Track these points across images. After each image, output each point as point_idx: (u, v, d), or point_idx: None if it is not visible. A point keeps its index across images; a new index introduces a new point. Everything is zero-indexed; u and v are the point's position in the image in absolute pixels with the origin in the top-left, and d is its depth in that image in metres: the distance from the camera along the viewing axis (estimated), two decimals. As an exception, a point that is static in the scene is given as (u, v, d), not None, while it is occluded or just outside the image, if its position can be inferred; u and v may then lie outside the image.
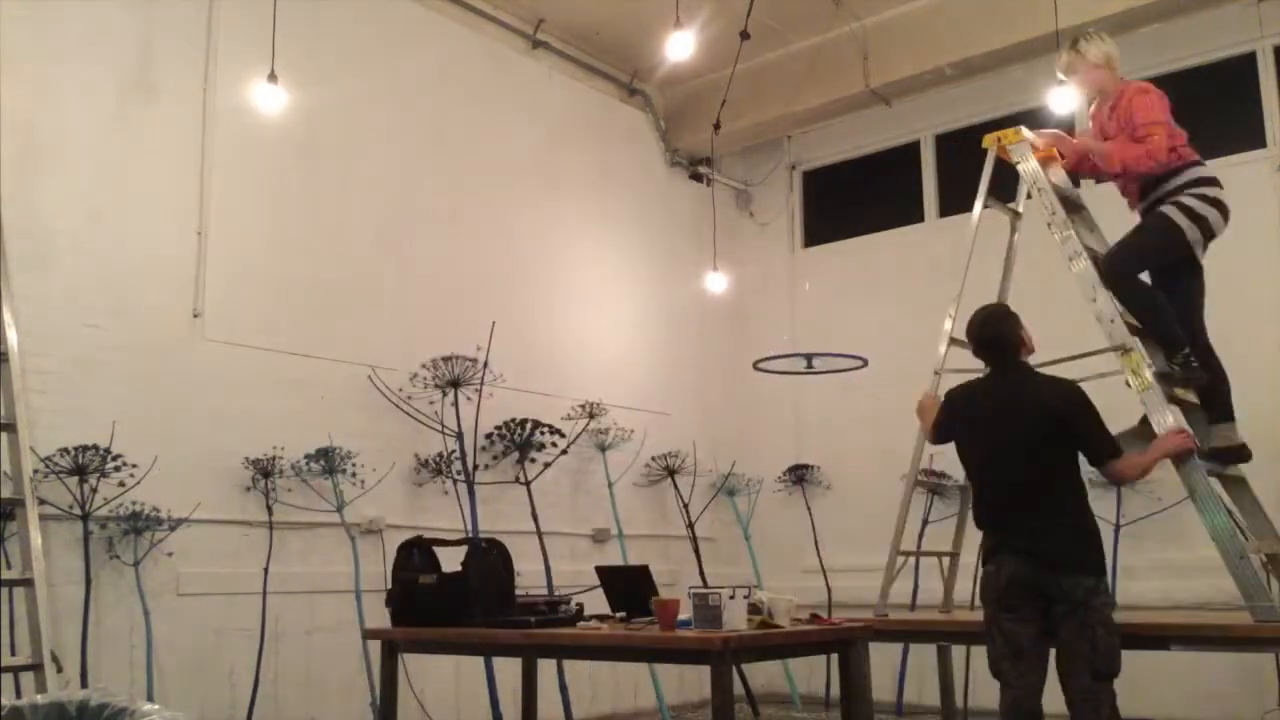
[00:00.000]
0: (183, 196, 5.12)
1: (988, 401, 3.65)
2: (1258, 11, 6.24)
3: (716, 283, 7.27)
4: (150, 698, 4.61)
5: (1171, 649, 3.78)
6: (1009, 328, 3.69)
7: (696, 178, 8.25)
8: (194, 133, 5.19)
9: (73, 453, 4.44)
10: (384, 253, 5.98)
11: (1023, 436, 3.49)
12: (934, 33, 6.80)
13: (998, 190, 4.66)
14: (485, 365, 5.93)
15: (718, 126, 6.35)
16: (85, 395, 4.62)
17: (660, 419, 7.30)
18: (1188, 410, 4.00)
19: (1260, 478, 5.78)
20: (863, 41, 7.02)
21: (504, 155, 6.78)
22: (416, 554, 4.11)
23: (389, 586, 4.18)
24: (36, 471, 4.29)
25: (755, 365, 6.81)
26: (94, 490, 4.52)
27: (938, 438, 3.88)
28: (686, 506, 7.08)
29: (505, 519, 6.13)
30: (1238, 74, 6.40)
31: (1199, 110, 6.61)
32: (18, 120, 4.52)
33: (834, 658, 3.92)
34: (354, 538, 5.48)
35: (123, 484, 4.60)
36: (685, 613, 3.34)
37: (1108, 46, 4.27)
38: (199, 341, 5.08)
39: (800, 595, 5.46)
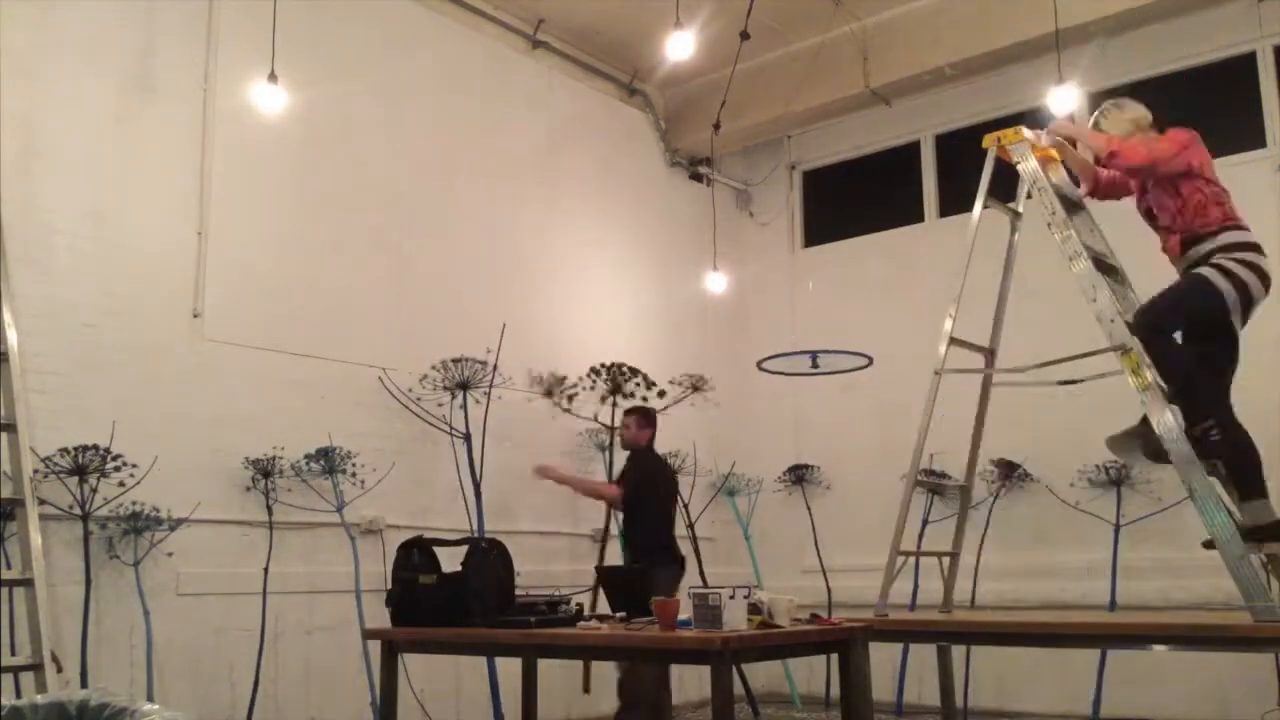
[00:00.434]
0: (183, 196, 5.12)
1: None
2: (1258, 11, 6.24)
3: (716, 283, 7.27)
4: (150, 698, 4.62)
5: (1158, 649, 3.77)
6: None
7: (696, 178, 8.25)
8: (194, 133, 5.19)
9: (73, 453, 4.44)
10: (383, 253, 5.98)
11: None
12: (934, 33, 6.80)
13: (998, 190, 4.66)
14: (495, 368, 5.94)
15: (718, 126, 6.35)
16: (85, 395, 4.62)
17: (660, 418, 7.29)
18: (1222, 482, 3.90)
19: (1260, 478, 5.80)
20: (863, 41, 7.02)
21: (504, 155, 6.78)
22: (416, 554, 4.11)
23: (389, 586, 4.18)
24: (36, 471, 4.29)
25: (759, 365, 6.81)
26: (94, 490, 4.52)
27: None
28: (686, 506, 7.07)
29: (506, 519, 6.13)
30: (1238, 74, 6.40)
31: (1199, 110, 6.63)
32: (18, 120, 4.52)
33: (834, 658, 3.92)
34: (354, 538, 5.48)
35: (123, 484, 4.60)
36: (685, 613, 3.34)
37: (1129, 113, 4.16)
38: (199, 341, 5.08)
39: (800, 595, 5.46)
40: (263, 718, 5.00)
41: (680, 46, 5.18)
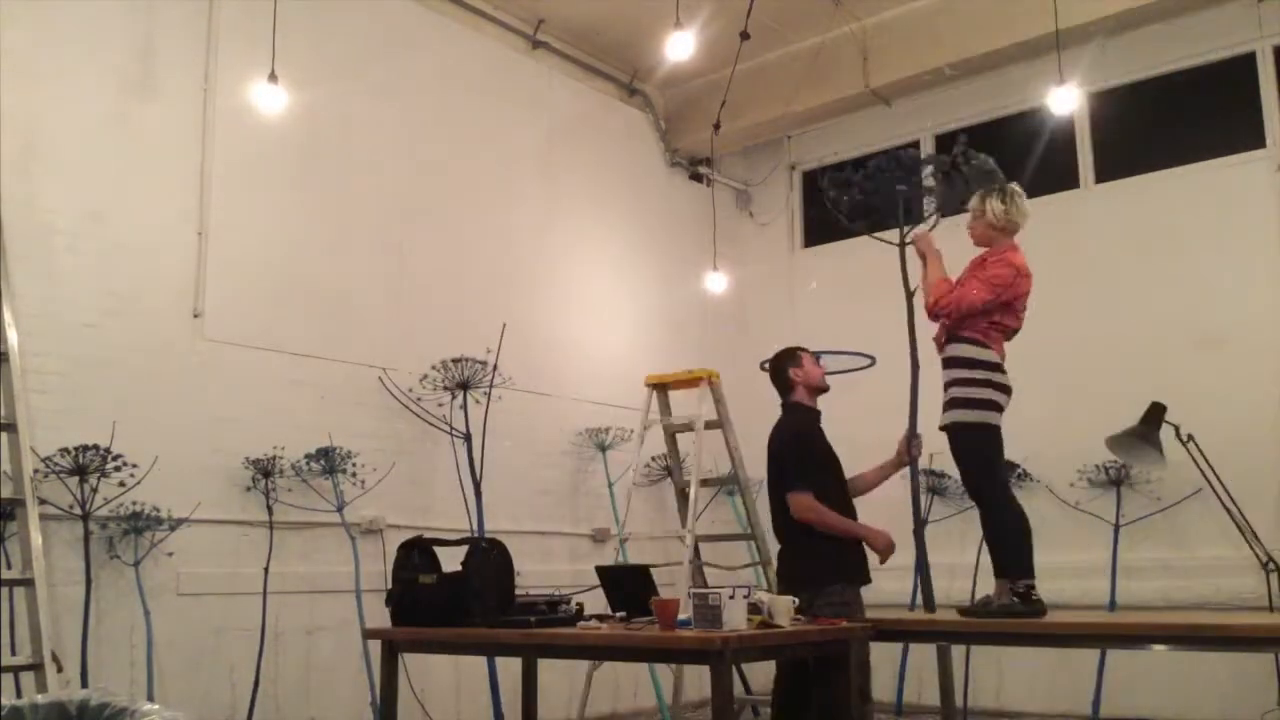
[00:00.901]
0: (183, 196, 5.12)
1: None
2: (1258, 11, 6.24)
3: (716, 283, 7.27)
4: (150, 697, 4.62)
5: (1158, 649, 3.77)
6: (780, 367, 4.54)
7: (696, 178, 8.25)
8: (194, 133, 5.19)
9: (73, 453, 4.44)
10: (383, 253, 5.98)
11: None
12: (934, 33, 6.80)
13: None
14: (495, 368, 5.94)
15: (718, 126, 6.35)
16: (85, 395, 4.62)
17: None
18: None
19: (1261, 477, 5.82)
20: (862, 41, 7.02)
21: (504, 155, 6.78)
22: (416, 554, 4.11)
23: (389, 586, 4.18)
24: (37, 471, 4.29)
25: (762, 366, 6.80)
26: (94, 490, 4.52)
27: None
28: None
29: (506, 519, 6.14)
30: (1238, 74, 6.40)
31: (1199, 110, 6.64)
32: (18, 120, 4.52)
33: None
34: (354, 538, 5.48)
35: (123, 484, 4.60)
36: (685, 612, 3.34)
37: (1014, 211, 4.01)
38: (199, 341, 5.08)
39: (800, 595, 5.47)
40: (263, 718, 5.00)
41: (680, 46, 5.18)
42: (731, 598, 3.20)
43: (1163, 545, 6.13)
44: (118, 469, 4.57)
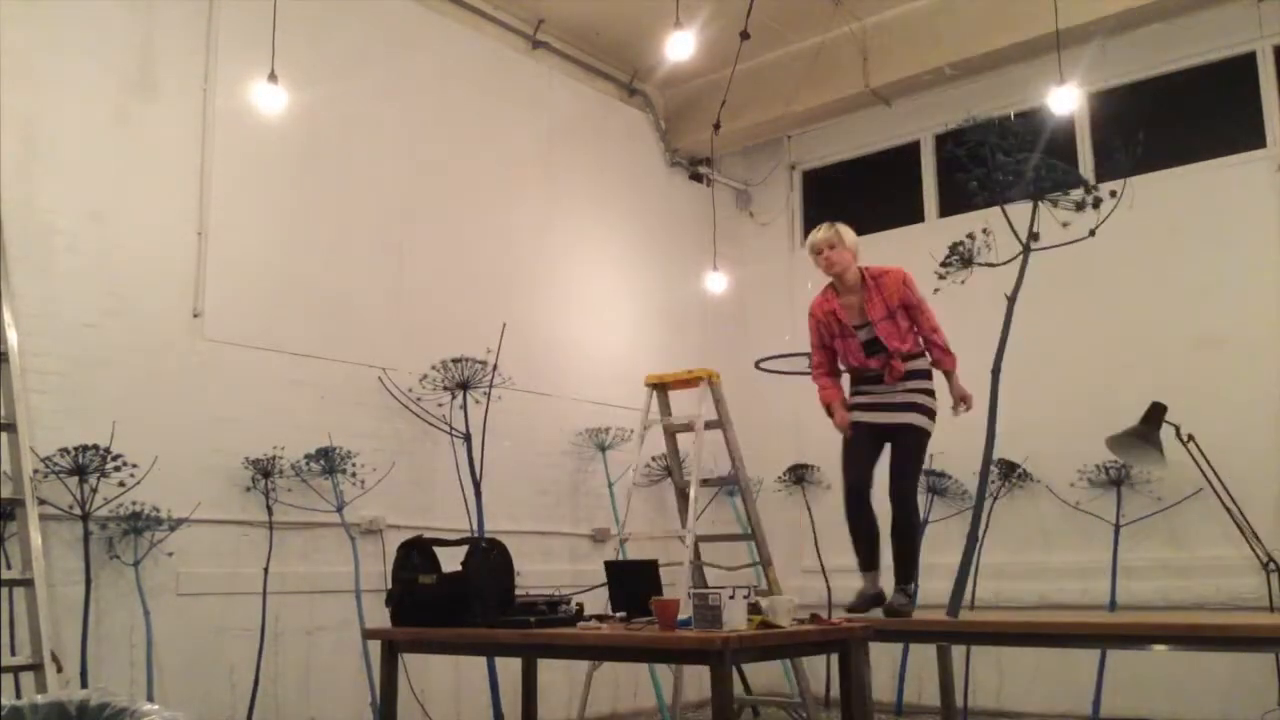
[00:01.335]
0: (183, 196, 5.12)
1: None
2: (1258, 11, 6.24)
3: (717, 282, 7.27)
4: (150, 697, 4.62)
5: (1157, 649, 3.77)
6: None
7: (696, 178, 8.25)
8: (194, 133, 5.19)
9: (73, 453, 4.44)
10: (383, 253, 5.98)
11: None
12: (934, 33, 6.80)
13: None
14: (495, 368, 5.94)
15: (718, 126, 6.35)
16: (85, 395, 4.62)
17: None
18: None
19: (1261, 477, 5.82)
20: (863, 41, 7.03)
21: (504, 155, 6.78)
22: (416, 554, 4.11)
23: (389, 586, 4.18)
24: (36, 471, 4.29)
25: (757, 364, 6.81)
26: (94, 490, 4.52)
27: None
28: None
29: (506, 519, 6.14)
30: (1238, 74, 6.40)
31: (1199, 110, 6.64)
32: (18, 120, 4.52)
33: (834, 657, 3.92)
34: (354, 538, 5.48)
35: (123, 484, 4.60)
36: (685, 612, 3.34)
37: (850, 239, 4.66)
38: (199, 341, 5.08)
39: (800, 595, 5.48)
40: (263, 718, 5.00)
41: (680, 46, 5.18)
42: (731, 598, 3.20)
43: (1163, 545, 6.13)
44: (117, 469, 4.57)
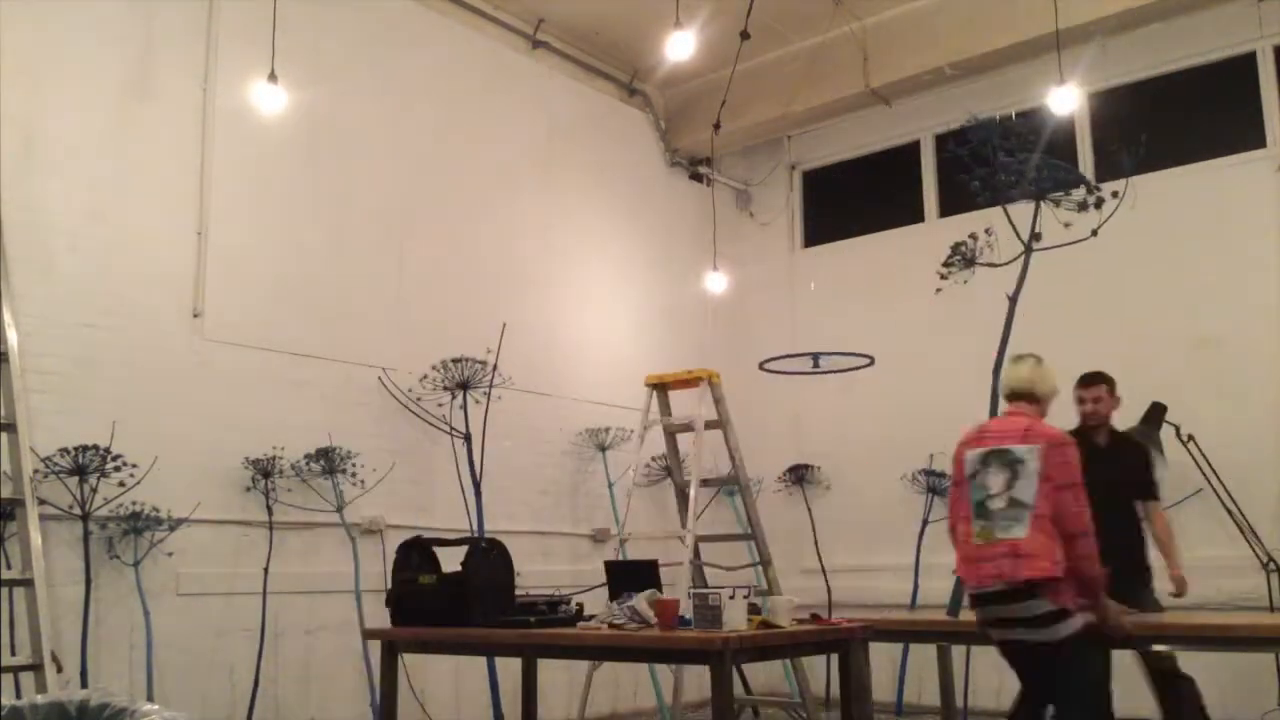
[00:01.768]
0: (183, 197, 5.12)
1: None
2: (1258, 11, 6.24)
3: (717, 282, 7.27)
4: (150, 698, 4.62)
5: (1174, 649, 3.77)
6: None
7: (696, 178, 8.25)
8: (194, 133, 5.19)
9: (73, 453, 4.44)
10: (384, 253, 5.98)
11: None
12: (934, 33, 6.80)
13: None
14: (495, 368, 5.94)
15: (718, 126, 6.35)
16: (85, 395, 4.61)
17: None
18: None
19: (1261, 477, 5.82)
20: (863, 41, 7.02)
21: (504, 155, 6.78)
22: (416, 554, 4.11)
23: (389, 586, 4.18)
24: (36, 471, 4.29)
25: (761, 366, 6.81)
26: (94, 490, 4.51)
27: None
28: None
29: (506, 519, 6.13)
30: (1238, 74, 6.40)
31: (1199, 110, 6.64)
32: (18, 120, 4.52)
33: (834, 658, 3.92)
34: (354, 538, 5.48)
35: (123, 484, 4.60)
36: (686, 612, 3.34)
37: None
38: (199, 341, 5.08)
39: (800, 595, 5.48)
40: (263, 718, 5.00)
41: (680, 46, 5.18)
42: (731, 598, 3.20)
43: (1163, 545, 6.12)
44: (117, 469, 4.57)
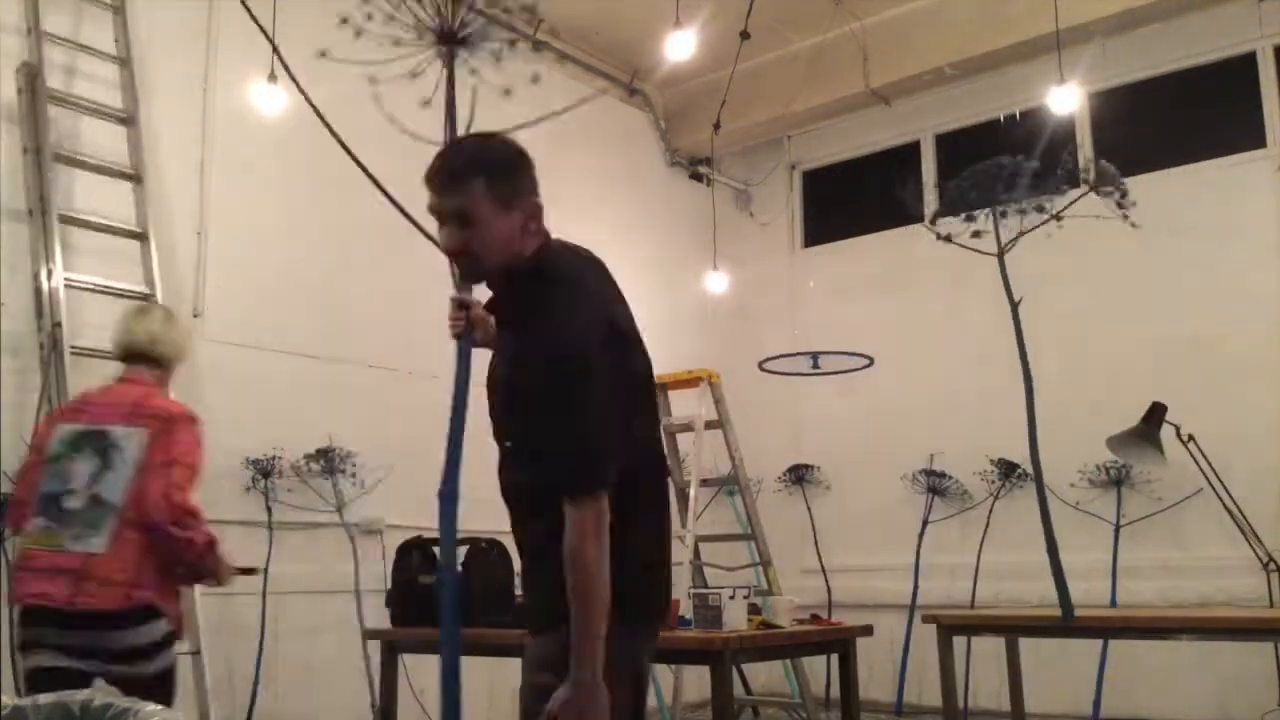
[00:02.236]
0: (183, 197, 5.12)
1: None
2: (1258, 11, 6.25)
3: (717, 283, 7.28)
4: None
5: (1183, 639, 3.80)
6: None
7: (696, 178, 8.25)
8: (194, 133, 5.19)
9: (73, 453, 4.42)
10: (384, 253, 5.96)
11: None
12: (934, 33, 6.80)
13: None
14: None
15: (718, 126, 6.35)
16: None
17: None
18: None
19: (1261, 477, 5.82)
20: (863, 41, 7.02)
21: (504, 155, 6.77)
22: (416, 554, 4.11)
23: (389, 587, 4.18)
24: (36, 471, 4.28)
25: (761, 365, 6.82)
26: (94, 490, 4.50)
27: None
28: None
29: (505, 519, 6.12)
30: (1238, 74, 6.41)
31: (1199, 110, 6.64)
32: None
33: (834, 658, 3.92)
34: (354, 538, 5.48)
35: (123, 484, 4.59)
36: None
37: None
38: (199, 341, 5.06)
39: (800, 595, 5.49)
40: (262, 718, 4.99)
41: (680, 46, 5.18)
42: (731, 598, 3.20)
43: (1163, 545, 6.13)
44: (118, 469, 4.55)
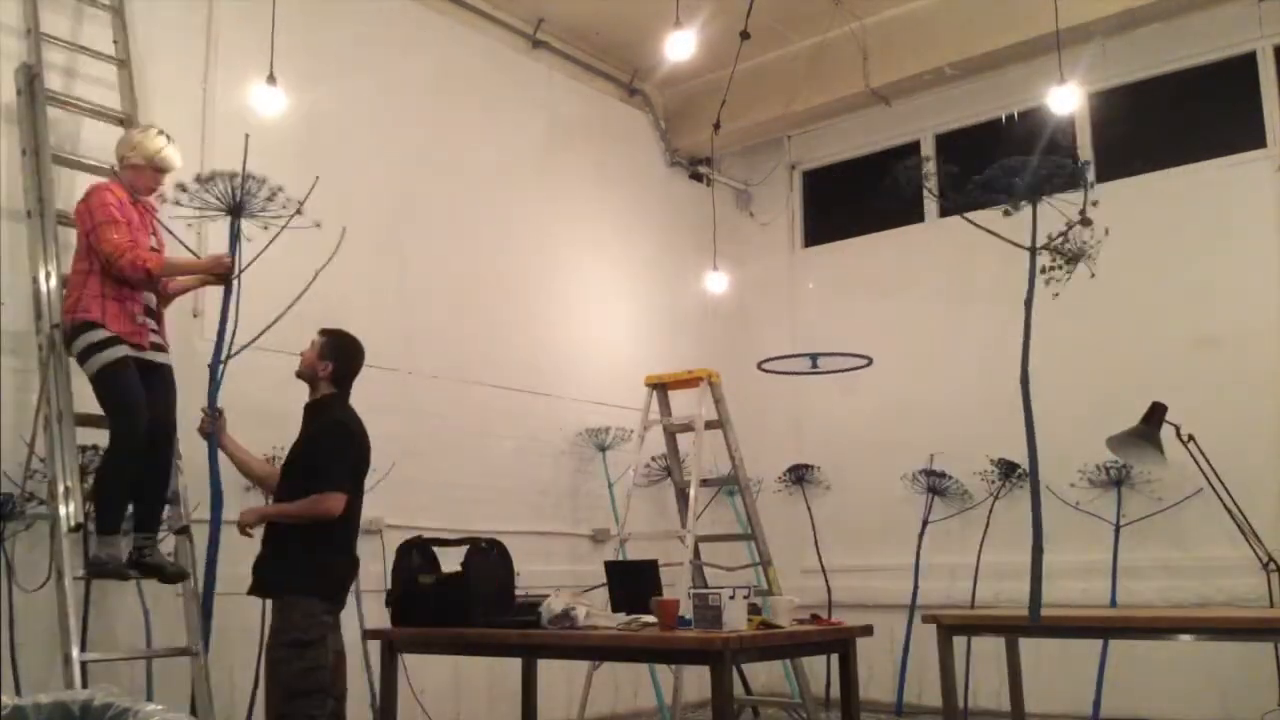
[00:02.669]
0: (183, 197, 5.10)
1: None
2: (1258, 11, 6.24)
3: (717, 283, 7.27)
4: (150, 697, 4.61)
5: (1158, 651, 3.80)
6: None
7: (696, 178, 8.25)
8: (194, 133, 5.19)
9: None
10: (383, 252, 5.97)
11: None
12: (934, 33, 6.80)
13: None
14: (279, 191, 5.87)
15: (718, 126, 6.35)
16: (84, 396, 4.60)
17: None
18: None
19: (1261, 477, 5.82)
20: (863, 41, 7.02)
21: (504, 155, 6.78)
22: (416, 554, 4.11)
23: (389, 586, 4.18)
24: (36, 471, 4.28)
25: (760, 365, 6.82)
26: (94, 490, 4.50)
27: None
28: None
29: (505, 519, 6.13)
30: (1238, 74, 6.40)
31: (1199, 110, 6.64)
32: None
33: (834, 658, 3.92)
34: (354, 538, 5.47)
35: (123, 484, 4.58)
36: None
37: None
38: (199, 341, 5.07)
39: (800, 595, 5.49)
40: (262, 718, 4.98)
41: (680, 46, 5.18)
42: (731, 598, 3.20)
43: (1163, 545, 6.13)
44: (118, 469, 4.55)
